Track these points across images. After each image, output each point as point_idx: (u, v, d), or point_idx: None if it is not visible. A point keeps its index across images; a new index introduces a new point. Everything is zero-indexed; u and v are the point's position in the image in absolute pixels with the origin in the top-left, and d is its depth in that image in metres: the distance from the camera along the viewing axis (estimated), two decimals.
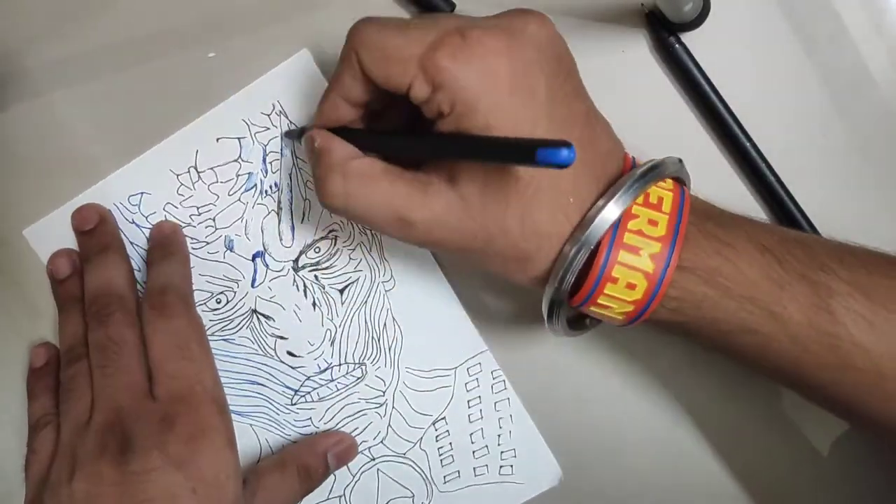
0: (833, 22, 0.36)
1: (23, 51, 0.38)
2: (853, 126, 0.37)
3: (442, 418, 0.41)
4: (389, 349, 0.40)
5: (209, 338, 0.38)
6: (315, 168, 0.32)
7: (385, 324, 0.40)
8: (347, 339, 0.40)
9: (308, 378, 0.41)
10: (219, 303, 0.40)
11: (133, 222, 0.39)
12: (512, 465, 0.41)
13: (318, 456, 0.39)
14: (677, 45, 0.36)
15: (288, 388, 0.41)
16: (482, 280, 0.40)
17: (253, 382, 0.41)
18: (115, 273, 0.37)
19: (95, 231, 0.38)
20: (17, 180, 0.39)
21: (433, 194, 0.29)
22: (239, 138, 0.39)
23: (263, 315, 0.40)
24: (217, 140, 0.39)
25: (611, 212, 0.29)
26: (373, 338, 0.40)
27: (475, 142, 0.28)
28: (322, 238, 0.40)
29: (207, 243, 0.40)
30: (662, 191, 0.30)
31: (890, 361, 0.29)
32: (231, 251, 0.40)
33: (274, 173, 0.39)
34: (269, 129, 0.39)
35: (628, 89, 0.37)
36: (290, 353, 0.40)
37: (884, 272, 0.30)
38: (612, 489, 0.41)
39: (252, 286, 0.40)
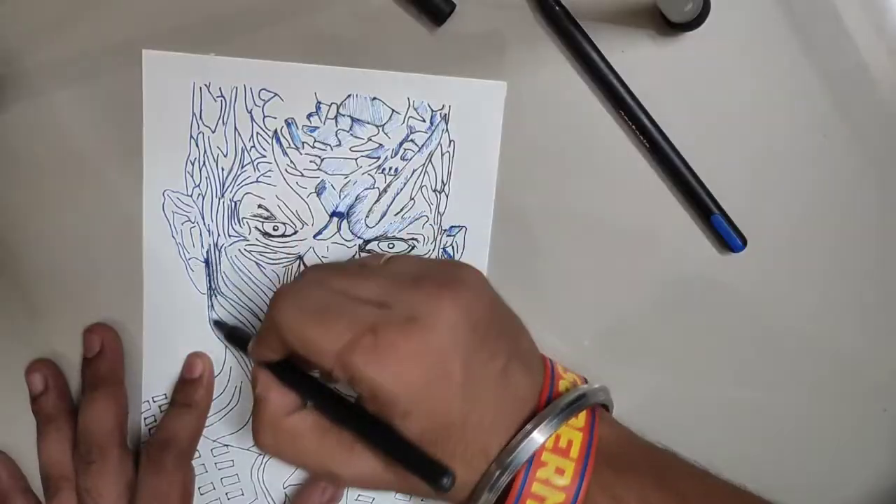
0: (833, 22, 0.36)
1: (23, 51, 0.38)
2: (853, 126, 0.37)
3: None
4: None
5: (243, 252, 0.40)
6: (252, 414, 0.33)
7: None
8: None
9: None
10: (275, 230, 0.40)
11: (250, 111, 0.39)
12: None
13: None
14: (557, 8, 0.36)
15: None
16: None
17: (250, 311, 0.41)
18: (102, 416, 0.38)
19: (95, 362, 0.39)
20: (17, 180, 0.39)
21: (358, 455, 0.31)
22: (393, 110, 0.39)
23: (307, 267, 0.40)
24: (373, 99, 0.38)
25: (526, 448, 0.30)
26: None
27: (386, 440, 0.30)
28: (401, 239, 0.40)
29: (301, 175, 0.39)
30: (573, 431, 0.31)
31: None
32: (318, 196, 0.39)
33: (403, 160, 0.39)
34: (423, 121, 0.39)
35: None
36: None
37: None
38: None
39: (314, 237, 0.40)
